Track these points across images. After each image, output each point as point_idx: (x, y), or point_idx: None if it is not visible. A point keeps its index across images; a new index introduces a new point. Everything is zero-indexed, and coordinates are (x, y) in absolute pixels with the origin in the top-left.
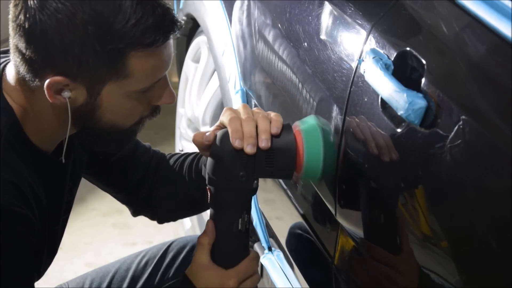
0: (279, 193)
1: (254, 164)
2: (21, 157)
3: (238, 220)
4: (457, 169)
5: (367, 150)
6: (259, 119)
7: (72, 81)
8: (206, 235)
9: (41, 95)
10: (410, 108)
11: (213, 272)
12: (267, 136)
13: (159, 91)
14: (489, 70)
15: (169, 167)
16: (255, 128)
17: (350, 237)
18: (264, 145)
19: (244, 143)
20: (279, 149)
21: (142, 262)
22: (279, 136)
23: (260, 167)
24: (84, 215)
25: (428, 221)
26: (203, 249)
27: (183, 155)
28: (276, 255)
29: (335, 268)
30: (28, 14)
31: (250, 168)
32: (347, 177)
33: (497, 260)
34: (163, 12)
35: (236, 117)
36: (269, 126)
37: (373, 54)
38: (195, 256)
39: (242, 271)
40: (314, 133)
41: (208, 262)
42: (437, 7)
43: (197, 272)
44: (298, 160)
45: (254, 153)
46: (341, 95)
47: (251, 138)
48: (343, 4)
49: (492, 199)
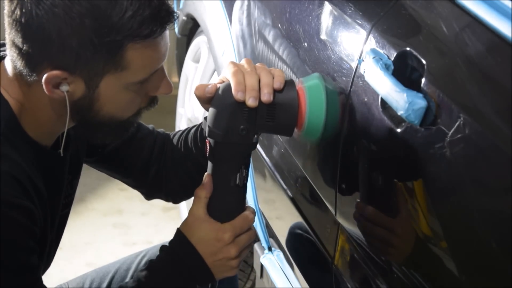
0: (279, 193)
1: (255, 117)
2: (19, 151)
3: (236, 174)
4: (457, 169)
5: (367, 151)
6: (262, 73)
7: (70, 74)
8: (203, 188)
9: (38, 90)
10: (410, 108)
11: (208, 225)
12: (269, 90)
13: (157, 81)
14: (489, 70)
15: (174, 145)
16: (257, 82)
17: (350, 237)
18: (266, 99)
19: (246, 96)
20: (281, 104)
21: (142, 262)
22: (282, 91)
23: (261, 121)
24: (84, 215)
25: (428, 221)
26: (200, 202)
27: (186, 129)
28: (276, 255)
29: (335, 268)
30: (24, 9)
31: (251, 122)
32: (347, 177)
33: (497, 260)
34: (159, 3)
35: (239, 70)
36: (271, 80)
37: (373, 54)
38: (191, 209)
39: (238, 225)
40: (317, 91)
41: (204, 215)
42: (437, 7)
43: (193, 224)
44: (300, 116)
45: (255, 106)
46: (341, 95)
47: (254, 91)
48: (343, 4)
49: (492, 198)
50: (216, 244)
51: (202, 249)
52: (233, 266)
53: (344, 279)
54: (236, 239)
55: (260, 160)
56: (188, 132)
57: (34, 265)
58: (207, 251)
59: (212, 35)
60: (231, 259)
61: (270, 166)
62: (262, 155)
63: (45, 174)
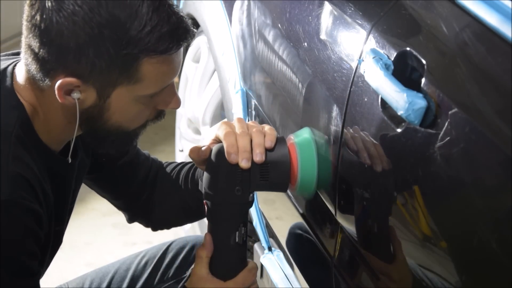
0: (279, 193)
1: (249, 178)
2: (31, 153)
3: (235, 233)
4: (457, 169)
5: (367, 152)
6: (253, 133)
7: (84, 83)
8: (204, 248)
9: (51, 95)
10: (410, 108)
11: (212, 284)
12: (261, 150)
13: (166, 96)
14: (489, 70)
15: (166, 175)
16: (249, 143)
17: (350, 237)
18: (258, 159)
19: (239, 158)
20: (273, 162)
21: (142, 262)
22: (273, 149)
23: (255, 180)
24: (84, 215)
25: (427, 221)
26: (202, 261)
27: (180, 164)
28: (276, 255)
29: (335, 268)
30: (45, 15)
31: (246, 182)
32: (347, 177)
33: (498, 260)
34: (178, 21)
35: (231, 132)
36: (263, 140)
37: (373, 54)
38: (194, 269)
39: (241, 282)
40: (308, 146)
41: (207, 274)
42: (437, 7)
43: (197, 284)
44: (293, 173)
45: (249, 168)
46: (341, 95)
47: (246, 153)
48: (343, 4)
49: (491, 198)
50: None
51: None
52: None
53: (344, 279)
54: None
55: None
56: (181, 168)
57: (34, 270)
58: None
59: (212, 35)
60: None
61: None
62: None
63: (54, 179)
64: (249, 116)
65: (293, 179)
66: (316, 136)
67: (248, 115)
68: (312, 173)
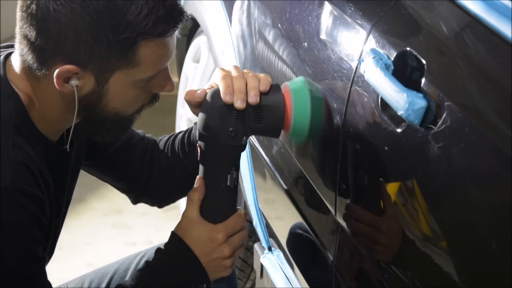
0: (279, 193)
1: (243, 120)
2: (29, 142)
3: (227, 176)
4: (457, 169)
5: (367, 153)
6: (248, 77)
7: (82, 69)
8: (195, 191)
9: (47, 84)
10: (410, 108)
11: (202, 226)
12: (255, 93)
13: (161, 80)
14: (489, 70)
15: (161, 151)
16: (245, 85)
17: (350, 237)
18: (252, 101)
19: (234, 98)
20: (267, 106)
21: (141, 262)
22: (268, 94)
23: (249, 123)
24: (84, 215)
25: (428, 221)
26: (193, 204)
27: (172, 135)
28: (276, 255)
29: (335, 268)
30: (41, 4)
31: (240, 124)
32: (347, 177)
33: (498, 261)
34: (173, 3)
35: (227, 75)
36: (258, 84)
37: (373, 54)
38: (185, 212)
39: (231, 225)
40: (302, 94)
41: (198, 217)
42: (437, 7)
43: (187, 226)
44: (286, 118)
45: (243, 108)
46: (341, 95)
47: (241, 94)
48: (343, 4)
49: (492, 199)
50: (210, 244)
51: (197, 250)
52: (227, 265)
53: (344, 279)
54: (229, 239)
55: (260, 160)
56: (174, 138)
57: (40, 256)
58: (202, 251)
59: (212, 35)
60: (224, 258)
61: (270, 166)
62: (262, 155)
63: (52, 168)
64: None
65: (286, 125)
66: (311, 86)
67: None
68: (305, 119)
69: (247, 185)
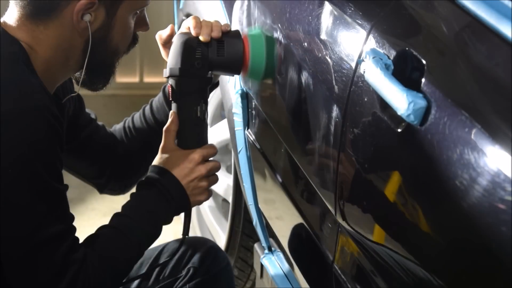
0: (279, 193)
1: (207, 53)
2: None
3: (197, 107)
4: (457, 169)
5: (367, 153)
6: (213, 22)
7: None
8: (171, 123)
9: (53, 29)
10: (410, 108)
11: (179, 152)
12: (219, 29)
13: (143, 19)
14: (489, 70)
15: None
16: (211, 24)
17: (350, 237)
18: (215, 34)
19: (201, 32)
20: (229, 41)
21: (137, 263)
22: (229, 34)
23: (213, 56)
24: (84, 215)
25: (428, 220)
26: (169, 135)
27: (128, 118)
28: (276, 255)
29: (335, 268)
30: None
31: (205, 57)
32: (347, 177)
33: (498, 261)
34: None
35: (197, 17)
36: (221, 24)
37: (373, 54)
38: (163, 144)
39: (205, 150)
40: (259, 38)
41: (175, 146)
42: (437, 7)
43: (165, 154)
44: (245, 59)
45: (208, 41)
46: (341, 95)
47: (207, 28)
48: (343, 4)
49: (492, 199)
50: (188, 165)
51: (176, 172)
52: (204, 186)
53: (344, 279)
54: (206, 163)
55: (260, 160)
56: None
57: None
58: (181, 173)
59: None
60: (202, 178)
61: (270, 166)
62: (262, 155)
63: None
64: (249, 116)
65: (245, 65)
66: (267, 33)
67: (248, 115)
68: (261, 61)
69: (247, 185)
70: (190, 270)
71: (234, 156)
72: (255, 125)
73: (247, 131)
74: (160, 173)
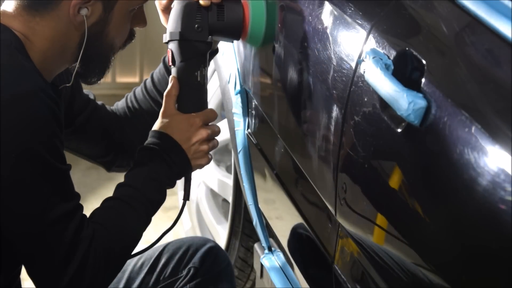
0: (279, 193)
1: (207, 17)
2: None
3: (197, 71)
4: (457, 169)
5: (367, 153)
6: None
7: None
8: (172, 87)
9: (50, 20)
10: (410, 108)
11: (180, 116)
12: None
13: (141, 15)
14: (489, 70)
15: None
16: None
17: (350, 237)
18: None
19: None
20: (228, 6)
21: (138, 263)
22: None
23: (213, 20)
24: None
25: (428, 220)
26: (170, 100)
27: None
28: (276, 255)
29: (335, 268)
30: None
31: (205, 21)
32: (347, 176)
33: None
34: None
35: None
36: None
37: (373, 54)
38: (163, 109)
39: (206, 114)
40: (259, 4)
41: (175, 110)
42: (437, 7)
43: (165, 119)
44: (245, 24)
45: (207, 5)
46: (341, 95)
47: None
48: (343, 4)
49: (492, 199)
50: (190, 128)
51: (178, 136)
52: (205, 150)
53: (344, 279)
54: (206, 127)
55: (260, 160)
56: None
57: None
58: (183, 137)
59: None
60: (203, 141)
61: (270, 166)
62: (262, 155)
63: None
64: (249, 116)
65: (245, 30)
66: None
67: (248, 115)
68: (260, 25)
69: (247, 185)
70: (190, 270)
71: (234, 156)
72: (255, 125)
73: (247, 131)
74: (160, 138)
